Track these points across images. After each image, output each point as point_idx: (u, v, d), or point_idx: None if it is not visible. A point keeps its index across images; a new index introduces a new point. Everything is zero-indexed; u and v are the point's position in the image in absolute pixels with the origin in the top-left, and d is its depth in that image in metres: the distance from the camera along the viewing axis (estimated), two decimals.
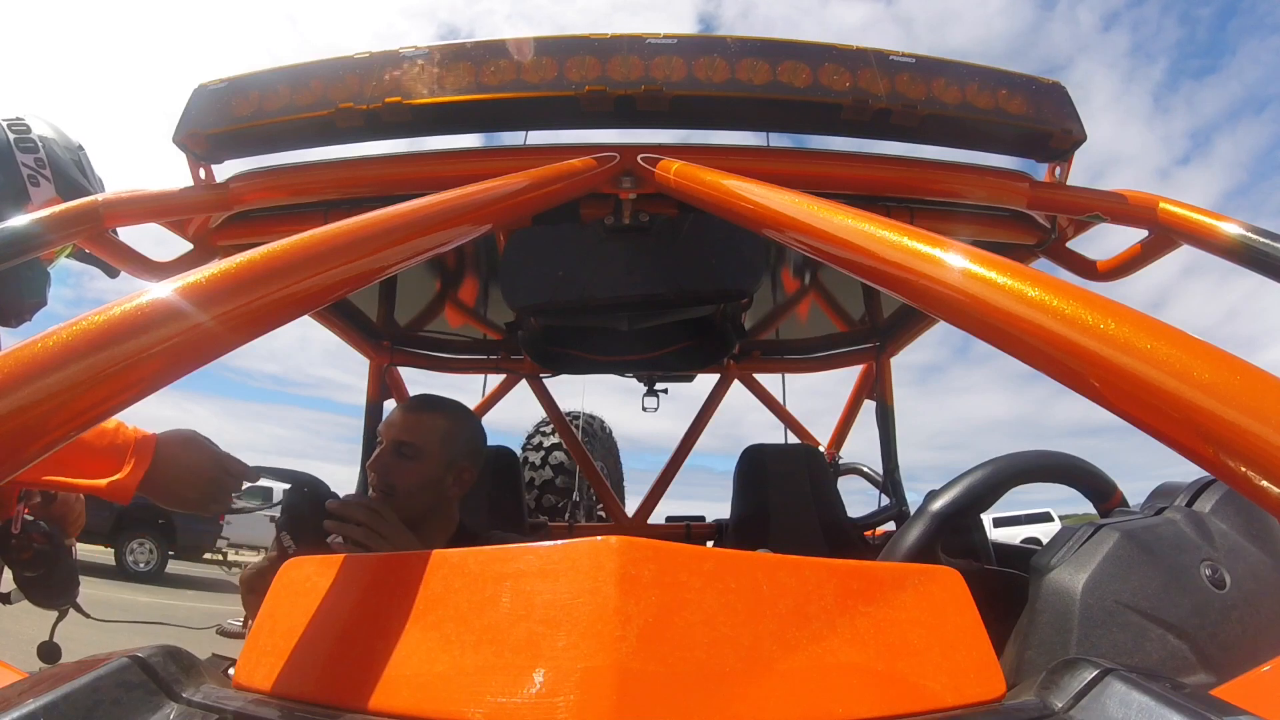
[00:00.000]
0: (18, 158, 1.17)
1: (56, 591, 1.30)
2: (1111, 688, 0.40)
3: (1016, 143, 1.19)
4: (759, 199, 0.80)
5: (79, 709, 0.37)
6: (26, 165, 1.19)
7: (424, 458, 1.18)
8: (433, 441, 1.20)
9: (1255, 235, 0.97)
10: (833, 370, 2.49)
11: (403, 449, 1.18)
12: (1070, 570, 0.64)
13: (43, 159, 1.20)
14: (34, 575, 1.26)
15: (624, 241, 1.31)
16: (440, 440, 1.21)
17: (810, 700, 0.41)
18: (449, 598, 0.46)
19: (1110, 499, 0.93)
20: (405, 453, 1.18)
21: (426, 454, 1.19)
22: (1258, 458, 0.35)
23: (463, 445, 1.25)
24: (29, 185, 1.18)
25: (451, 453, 1.22)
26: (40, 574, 1.26)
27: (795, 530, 1.97)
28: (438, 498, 1.21)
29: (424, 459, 1.18)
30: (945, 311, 0.53)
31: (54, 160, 1.23)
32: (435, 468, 1.19)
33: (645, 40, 1.11)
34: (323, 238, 0.57)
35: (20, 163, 1.18)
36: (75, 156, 1.29)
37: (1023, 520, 16.42)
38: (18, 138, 1.19)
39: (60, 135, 1.27)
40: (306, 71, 1.15)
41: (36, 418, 0.38)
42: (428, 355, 2.39)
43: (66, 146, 1.28)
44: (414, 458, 1.18)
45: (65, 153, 1.26)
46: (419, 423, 1.22)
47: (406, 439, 1.19)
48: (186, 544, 9.63)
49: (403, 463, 1.17)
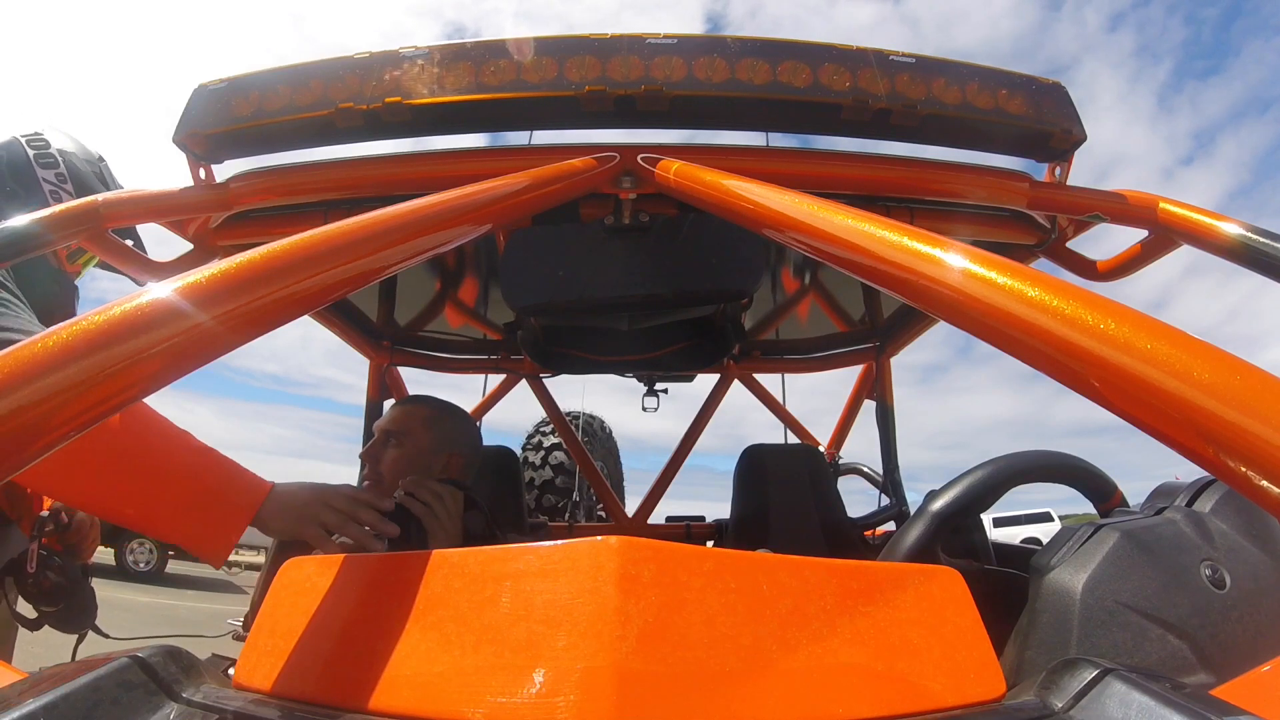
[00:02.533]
0: (38, 174, 1.18)
1: (75, 618, 1.30)
2: (1111, 688, 0.40)
3: (1016, 143, 1.19)
4: (759, 199, 0.79)
5: (79, 709, 0.37)
6: (48, 181, 1.20)
7: (408, 443, 1.24)
8: (416, 426, 1.27)
9: (1255, 235, 0.97)
10: (833, 370, 2.49)
11: (389, 437, 1.25)
12: (1070, 570, 0.64)
13: (63, 173, 1.21)
14: (53, 610, 1.26)
15: (624, 241, 1.31)
16: (423, 425, 1.28)
17: (810, 700, 0.41)
18: (449, 598, 0.46)
19: (1110, 499, 0.93)
20: (391, 441, 1.25)
21: (410, 438, 1.25)
22: (1258, 458, 0.35)
23: (449, 432, 1.31)
24: (50, 200, 1.19)
25: (437, 438, 1.28)
26: (59, 608, 1.26)
27: (795, 530, 1.97)
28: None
29: (407, 444, 1.24)
30: (945, 311, 0.53)
31: (75, 173, 1.23)
32: (421, 453, 1.24)
33: (645, 40, 1.11)
34: (323, 238, 0.57)
35: (41, 179, 1.19)
36: (96, 169, 1.29)
37: (1023, 520, 16.42)
38: (37, 153, 1.19)
39: (80, 148, 1.27)
40: (306, 71, 1.15)
41: (36, 418, 0.38)
42: (428, 355, 2.39)
43: (87, 159, 1.28)
44: (399, 445, 1.24)
45: (86, 165, 1.27)
46: (404, 412, 1.31)
47: (392, 427, 1.27)
48: None
49: (389, 450, 1.24)
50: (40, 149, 1.20)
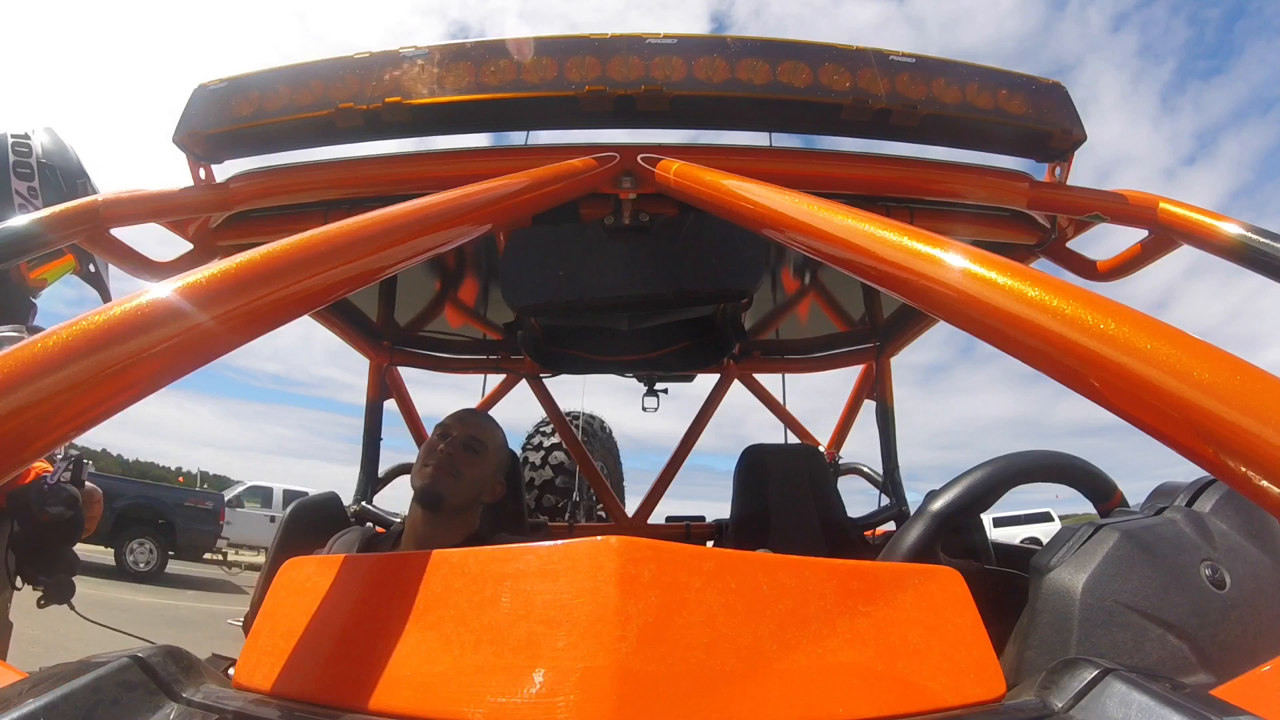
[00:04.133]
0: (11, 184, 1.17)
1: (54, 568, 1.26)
2: (1111, 688, 0.40)
3: (1016, 143, 1.19)
4: (759, 199, 0.79)
5: (79, 709, 0.37)
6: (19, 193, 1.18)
7: (486, 456, 1.34)
8: (495, 444, 1.37)
9: (1255, 235, 0.97)
10: (833, 370, 2.49)
11: (473, 444, 1.33)
12: (1070, 570, 0.64)
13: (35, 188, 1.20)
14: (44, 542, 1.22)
15: (624, 241, 1.31)
16: (499, 446, 1.39)
17: (810, 700, 0.41)
18: (449, 598, 0.46)
19: (1110, 499, 0.93)
20: (474, 447, 1.32)
21: (490, 455, 1.35)
22: (1258, 458, 0.35)
23: (506, 461, 1.43)
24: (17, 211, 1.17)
25: (500, 462, 1.39)
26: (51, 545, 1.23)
27: (795, 530, 1.97)
28: (480, 496, 1.35)
29: (486, 457, 1.34)
30: (945, 311, 0.53)
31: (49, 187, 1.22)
32: (491, 468, 1.35)
33: (645, 40, 1.11)
34: (323, 238, 0.57)
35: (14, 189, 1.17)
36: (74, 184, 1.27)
37: (1023, 520, 16.40)
38: (17, 160, 1.18)
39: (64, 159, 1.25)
40: (306, 71, 1.15)
41: (36, 418, 0.38)
42: (428, 355, 2.39)
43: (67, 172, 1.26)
44: (480, 453, 1.33)
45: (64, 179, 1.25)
46: (487, 427, 1.39)
47: (479, 435, 1.34)
48: (186, 544, 9.62)
49: (470, 455, 1.32)
50: (21, 156, 1.19)
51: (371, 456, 2.22)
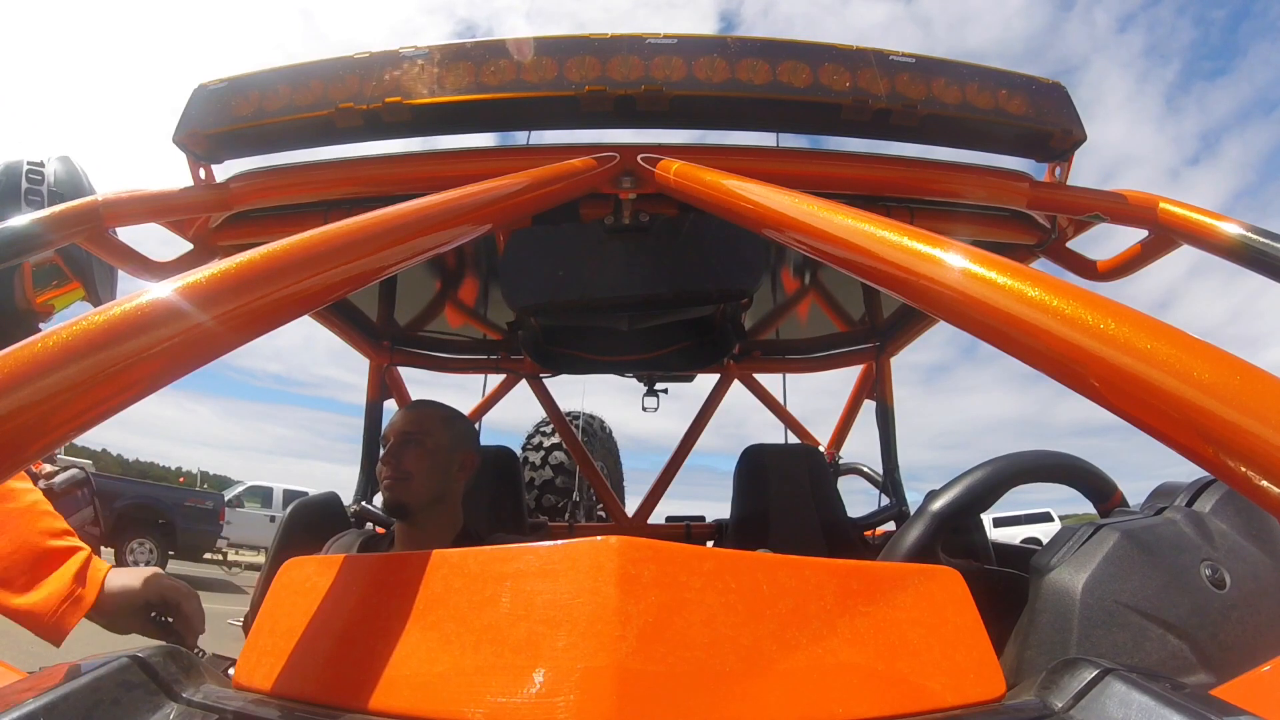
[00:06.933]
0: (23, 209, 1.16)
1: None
2: (1111, 688, 0.40)
3: (1016, 143, 1.19)
4: (758, 199, 0.79)
5: (79, 709, 0.37)
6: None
7: (429, 442, 1.30)
8: (435, 427, 1.32)
9: (1255, 235, 0.97)
10: (833, 370, 2.49)
11: (409, 438, 1.29)
12: (1070, 570, 0.64)
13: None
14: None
15: (624, 241, 1.31)
16: (442, 425, 1.34)
17: (810, 700, 0.41)
18: (449, 598, 0.46)
19: (1110, 499, 0.93)
20: (412, 440, 1.29)
21: (431, 438, 1.30)
22: (1258, 458, 0.35)
23: (460, 433, 1.38)
24: None
25: (454, 437, 1.34)
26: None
27: (795, 530, 1.97)
28: (446, 482, 1.31)
29: (429, 443, 1.29)
30: (945, 311, 0.53)
31: None
32: (441, 451, 1.30)
33: (645, 40, 1.11)
34: (323, 238, 0.57)
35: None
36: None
37: (1023, 520, 16.40)
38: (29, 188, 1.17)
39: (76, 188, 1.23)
40: (306, 71, 1.15)
41: (36, 418, 0.38)
42: (428, 355, 2.39)
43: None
44: (420, 443, 1.29)
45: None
46: (420, 414, 1.35)
47: (412, 429, 1.31)
48: (186, 544, 9.63)
49: (412, 449, 1.28)
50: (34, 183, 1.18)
51: (371, 457, 2.22)
